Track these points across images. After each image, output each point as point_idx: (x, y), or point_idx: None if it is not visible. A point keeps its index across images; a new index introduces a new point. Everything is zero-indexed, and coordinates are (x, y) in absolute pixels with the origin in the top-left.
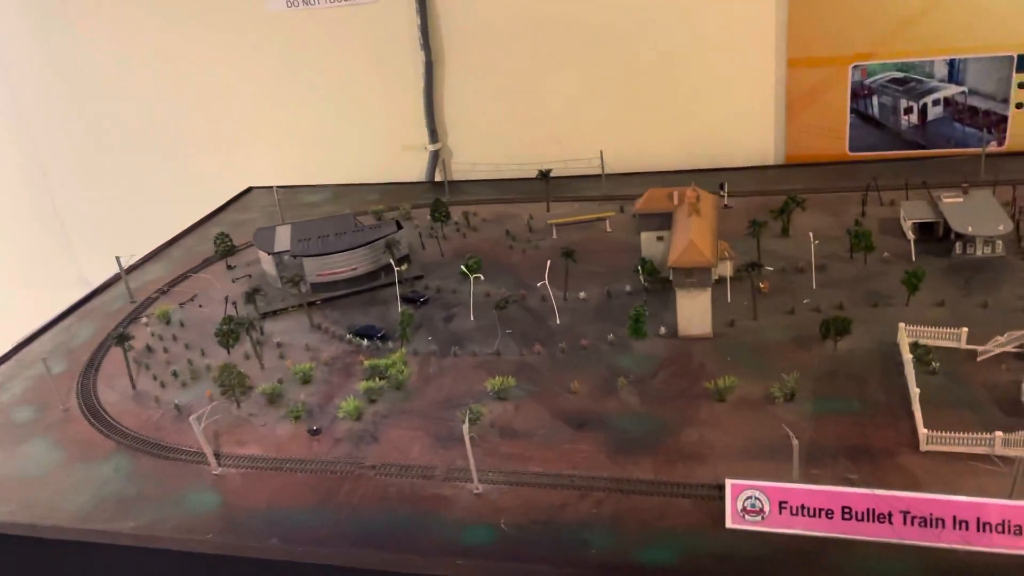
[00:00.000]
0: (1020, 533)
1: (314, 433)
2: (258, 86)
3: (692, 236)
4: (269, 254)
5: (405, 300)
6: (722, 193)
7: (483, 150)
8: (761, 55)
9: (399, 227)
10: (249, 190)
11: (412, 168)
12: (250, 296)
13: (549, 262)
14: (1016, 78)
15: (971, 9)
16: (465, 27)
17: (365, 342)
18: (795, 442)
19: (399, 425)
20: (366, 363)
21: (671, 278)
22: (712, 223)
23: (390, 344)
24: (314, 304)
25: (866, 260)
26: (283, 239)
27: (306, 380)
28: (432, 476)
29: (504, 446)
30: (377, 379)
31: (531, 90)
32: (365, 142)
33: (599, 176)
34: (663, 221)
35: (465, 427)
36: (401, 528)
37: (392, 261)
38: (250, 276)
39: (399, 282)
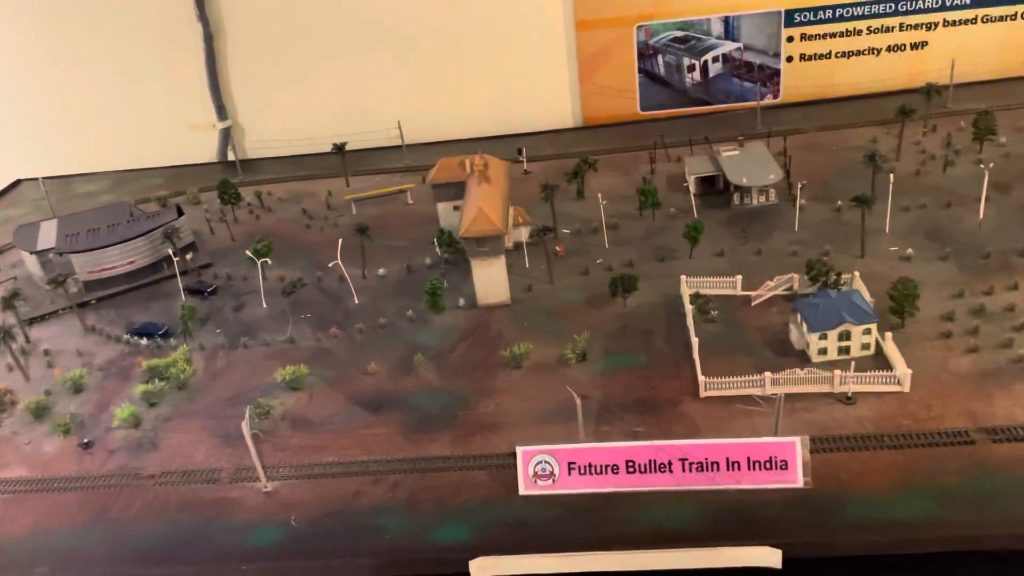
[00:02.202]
0: (786, 467)
1: (86, 446)
2: (21, 69)
3: (481, 205)
4: (32, 253)
5: (191, 292)
6: (521, 158)
7: (277, 125)
8: (550, 19)
9: (180, 213)
10: (17, 183)
11: (202, 148)
12: (7, 301)
13: (341, 240)
14: (785, 32)
15: None
16: None
17: (144, 341)
18: (579, 402)
19: (182, 428)
20: (144, 364)
21: (464, 248)
22: (503, 190)
23: (172, 341)
24: (87, 304)
25: (654, 216)
26: (48, 235)
27: (78, 389)
28: (217, 479)
29: (296, 438)
30: (157, 380)
31: (324, 61)
32: (147, 124)
33: (400, 147)
34: (458, 190)
35: (244, 424)
36: (182, 538)
37: (171, 251)
38: (15, 279)
39: (183, 273)
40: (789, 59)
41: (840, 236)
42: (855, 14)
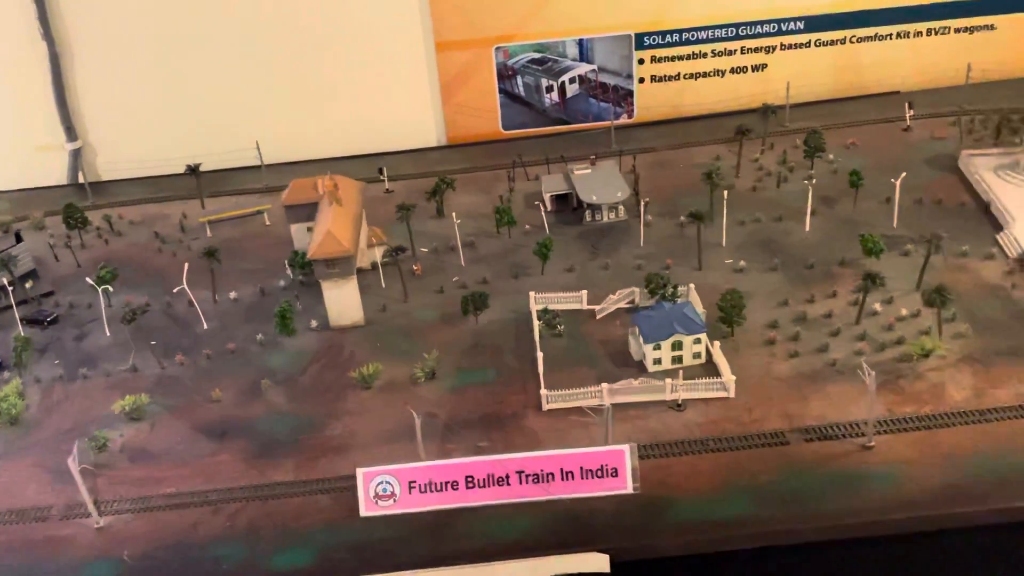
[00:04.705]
0: (616, 475)
1: None
2: None
3: (330, 226)
4: None
5: (30, 322)
6: (382, 177)
7: (131, 146)
8: (409, 40)
9: (19, 240)
10: None
11: (52, 170)
12: None
13: (187, 264)
14: (636, 55)
15: None
16: (93, 14)
17: None
18: (418, 422)
19: (12, 466)
20: None
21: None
22: (355, 210)
23: (6, 374)
24: None
25: (510, 234)
26: None
27: None
28: (47, 517)
29: (135, 471)
30: None
31: (178, 80)
32: None
33: (259, 167)
34: (311, 211)
35: (71, 460)
36: None
37: (7, 279)
38: None
39: (22, 302)
40: (641, 80)
41: (682, 250)
42: (700, 38)
